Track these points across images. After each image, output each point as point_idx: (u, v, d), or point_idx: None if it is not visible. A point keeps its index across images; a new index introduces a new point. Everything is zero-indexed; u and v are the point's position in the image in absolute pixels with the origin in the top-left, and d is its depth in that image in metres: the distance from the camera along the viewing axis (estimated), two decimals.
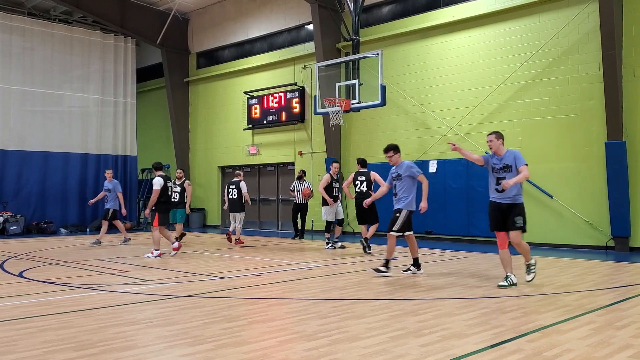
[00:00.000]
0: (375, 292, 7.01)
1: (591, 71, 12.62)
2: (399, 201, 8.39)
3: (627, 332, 4.88)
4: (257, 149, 19.76)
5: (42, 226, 18.24)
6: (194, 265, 9.85)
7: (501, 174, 7.31)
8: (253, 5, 20.03)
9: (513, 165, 7.27)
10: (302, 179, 15.20)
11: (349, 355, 4.17)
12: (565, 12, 13.01)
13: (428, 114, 15.21)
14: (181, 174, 13.35)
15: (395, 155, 8.55)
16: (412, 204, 8.40)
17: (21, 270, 9.04)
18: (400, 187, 8.41)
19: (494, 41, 14.17)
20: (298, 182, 15.23)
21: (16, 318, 5.46)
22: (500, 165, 7.36)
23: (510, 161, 7.31)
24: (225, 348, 4.37)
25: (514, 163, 7.26)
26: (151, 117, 23.95)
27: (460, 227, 14.51)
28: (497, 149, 7.45)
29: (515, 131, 13.75)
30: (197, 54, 22.30)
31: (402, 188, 8.39)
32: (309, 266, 9.70)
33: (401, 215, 8.29)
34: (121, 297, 6.69)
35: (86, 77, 20.17)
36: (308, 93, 18.18)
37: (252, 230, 19.65)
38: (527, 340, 4.61)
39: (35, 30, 19.07)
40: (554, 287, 7.34)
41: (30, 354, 4.21)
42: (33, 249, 12.75)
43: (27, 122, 18.64)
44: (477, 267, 9.42)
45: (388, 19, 16.48)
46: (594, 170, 12.55)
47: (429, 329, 4.96)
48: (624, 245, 12.05)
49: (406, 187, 8.37)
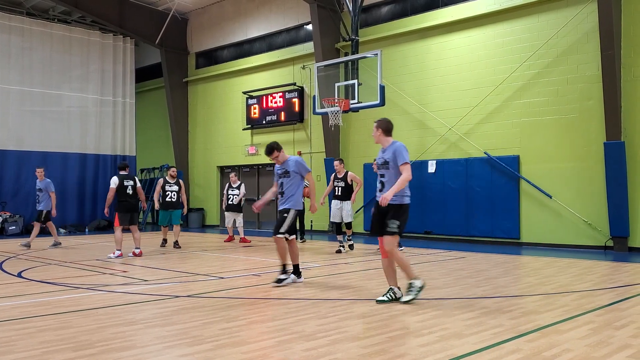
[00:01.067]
0: (374, 292, 7.01)
1: (590, 71, 12.63)
2: (286, 200, 7.57)
3: (626, 332, 4.88)
4: (256, 149, 19.75)
5: (41, 226, 18.18)
6: (193, 265, 9.85)
7: (381, 170, 6.27)
8: (252, 5, 20.02)
9: (392, 161, 6.15)
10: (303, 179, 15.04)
11: (348, 355, 4.17)
12: (564, 12, 13.02)
13: (427, 114, 15.21)
14: (174, 172, 12.99)
15: (280, 154, 7.66)
16: (300, 202, 7.66)
17: (20, 271, 9.03)
18: (288, 184, 7.58)
19: (493, 41, 14.18)
20: None
21: (15, 318, 5.46)
22: (380, 161, 6.29)
23: (389, 156, 6.18)
24: (224, 348, 4.37)
25: (393, 159, 6.14)
26: (150, 117, 23.94)
27: (459, 227, 14.52)
28: (378, 140, 6.39)
29: (514, 131, 13.76)
30: (196, 54, 22.29)
31: (289, 186, 7.58)
32: (308, 266, 9.69)
33: (289, 215, 7.48)
34: (120, 297, 6.69)
35: (85, 77, 20.15)
36: (307, 93, 18.18)
37: (251, 231, 19.63)
38: (526, 340, 4.61)
39: (34, 30, 19.05)
40: (552, 287, 7.35)
41: (29, 354, 4.21)
42: (32, 249, 12.74)
43: (26, 122, 18.61)
44: (476, 267, 9.42)
45: (387, 19, 16.48)
46: (592, 171, 12.56)
47: (428, 329, 4.96)
48: (623, 245, 12.06)
49: (293, 185, 7.59)
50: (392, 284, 6.30)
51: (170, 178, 12.92)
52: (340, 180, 12.04)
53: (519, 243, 13.61)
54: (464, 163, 14.49)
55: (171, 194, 12.72)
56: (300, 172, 7.59)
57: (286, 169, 7.58)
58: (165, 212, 12.83)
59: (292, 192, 7.58)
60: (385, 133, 6.32)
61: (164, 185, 12.77)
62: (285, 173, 7.58)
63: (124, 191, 10.93)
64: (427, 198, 15.09)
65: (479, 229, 14.17)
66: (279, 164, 7.71)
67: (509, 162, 13.70)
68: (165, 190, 12.72)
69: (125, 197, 10.91)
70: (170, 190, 12.73)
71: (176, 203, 12.83)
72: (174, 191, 12.78)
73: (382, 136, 6.31)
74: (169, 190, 12.73)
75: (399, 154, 6.08)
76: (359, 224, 16.77)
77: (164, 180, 12.87)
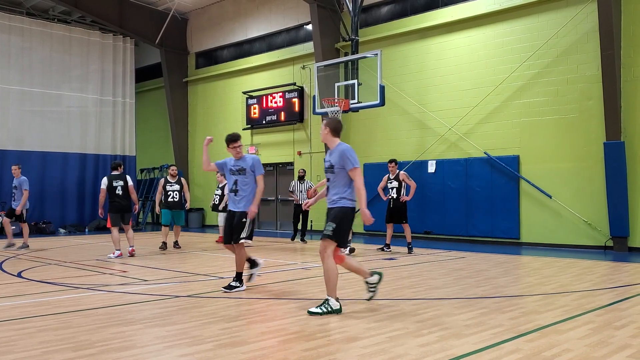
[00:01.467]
0: None
1: (590, 71, 12.63)
2: (241, 200, 7.05)
3: (626, 332, 4.88)
4: (256, 149, 19.74)
5: (41, 226, 18.22)
6: (193, 265, 9.85)
7: (327, 174, 5.90)
8: (252, 5, 20.02)
9: (337, 165, 5.71)
10: (303, 179, 14.69)
11: (348, 355, 4.16)
12: (564, 12, 13.02)
13: (427, 114, 15.21)
14: (175, 171, 12.76)
15: (242, 146, 7.27)
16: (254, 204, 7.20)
17: (20, 271, 9.03)
18: (243, 183, 7.07)
19: (492, 41, 14.18)
20: (299, 182, 14.69)
21: (15, 318, 5.46)
22: (327, 164, 5.88)
23: (335, 160, 5.74)
24: (224, 348, 4.37)
25: (339, 163, 5.70)
26: (150, 117, 23.94)
27: (459, 227, 14.52)
28: (324, 139, 5.96)
29: (514, 131, 13.76)
30: (196, 54, 22.29)
31: (245, 185, 7.07)
32: (307, 266, 9.70)
33: (248, 220, 7.02)
34: (120, 297, 6.69)
35: (85, 77, 20.16)
36: (307, 93, 18.18)
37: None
38: (526, 340, 4.61)
39: (34, 30, 19.05)
40: (552, 287, 7.35)
41: (29, 354, 4.20)
42: (31, 249, 12.74)
43: (26, 122, 18.61)
44: (476, 267, 9.42)
45: (387, 19, 16.48)
46: (592, 171, 12.56)
47: (428, 329, 4.96)
48: (623, 245, 12.06)
49: (249, 184, 7.08)
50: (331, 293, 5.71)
51: (171, 177, 12.71)
52: None
53: (518, 243, 13.61)
54: (463, 163, 14.49)
55: (173, 193, 12.52)
56: (255, 171, 7.10)
57: (242, 167, 7.10)
58: (168, 211, 12.61)
59: (248, 192, 7.08)
60: (333, 133, 5.90)
61: (165, 185, 12.58)
62: (241, 170, 7.09)
63: (114, 191, 10.87)
64: (426, 198, 15.10)
65: (478, 229, 14.18)
66: (237, 158, 7.19)
67: (509, 162, 13.71)
68: (166, 190, 12.55)
69: (115, 198, 10.83)
70: (172, 189, 12.55)
71: (178, 203, 12.63)
72: (175, 190, 12.57)
73: (330, 136, 5.88)
74: (170, 190, 12.55)
75: (346, 159, 5.65)
76: (359, 224, 16.77)
77: (164, 180, 12.69)
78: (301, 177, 14.65)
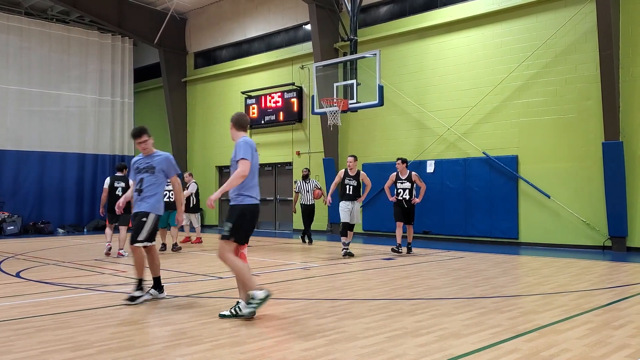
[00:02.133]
0: (373, 292, 7.01)
1: (588, 71, 12.64)
2: (144, 201, 6.39)
3: (624, 331, 4.88)
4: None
5: (40, 226, 18.21)
6: (192, 265, 9.85)
7: (231, 169, 5.78)
8: (251, 5, 20.02)
9: (234, 159, 5.65)
10: (308, 178, 14.11)
11: (347, 355, 4.17)
12: (563, 13, 13.03)
13: (426, 114, 15.22)
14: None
15: (150, 141, 6.60)
16: (161, 206, 6.53)
17: (18, 271, 9.02)
18: (150, 182, 6.42)
19: (491, 41, 14.19)
20: (303, 181, 14.08)
21: (13, 318, 5.45)
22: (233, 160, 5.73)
23: (233, 154, 5.67)
24: (222, 348, 4.37)
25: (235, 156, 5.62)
26: (149, 117, 23.91)
27: (458, 227, 14.52)
28: (231, 135, 5.89)
29: (513, 131, 13.77)
30: (195, 53, 22.28)
31: (150, 184, 6.42)
32: (306, 266, 9.70)
33: (148, 220, 6.34)
34: (119, 297, 6.67)
35: (83, 77, 20.15)
36: (306, 93, 18.18)
37: None
38: (525, 340, 4.61)
39: (33, 30, 19.05)
40: (551, 287, 7.35)
41: (27, 354, 4.20)
42: (30, 249, 12.72)
43: (25, 122, 18.61)
44: (475, 267, 9.43)
45: (386, 19, 16.49)
46: (591, 171, 12.58)
47: (427, 329, 4.96)
48: (621, 245, 12.07)
49: (156, 185, 6.45)
50: (241, 295, 5.60)
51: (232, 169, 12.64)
52: (352, 178, 11.11)
53: (517, 243, 13.61)
54: (462, 163, 14.50)
55: (169, 193, 12.16)
56: (167, 171, 6.50)
57: (151, 164, 6.46)
58: (165, 213, 12.42)
59: (153, 193, 6.41)
60: (237, 127, 5.81)
61: None
62: (150, 169, 6.44)
63: (114, 192, 11.13)
64: (425, 198, 15.00)
65: (477, 229, 14.18)
66: (145, 154, 6.57)
67: (508, 162, 13.71)
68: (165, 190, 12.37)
69: (114, 198, 10.91)
70: (168, 189, 12.16)
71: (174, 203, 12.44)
72: (171, 190, 12.14)
73: (234, 130, 5.82)
74: (166, 190, 12.19)
75: (238, 150, 5.54)
76: (358, 224, 16.74)
77: None
78: (305, 177, 14.13)
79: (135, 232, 6.29)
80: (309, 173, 14.26)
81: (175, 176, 6.49)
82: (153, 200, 6.39)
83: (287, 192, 19.10)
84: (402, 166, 11.40)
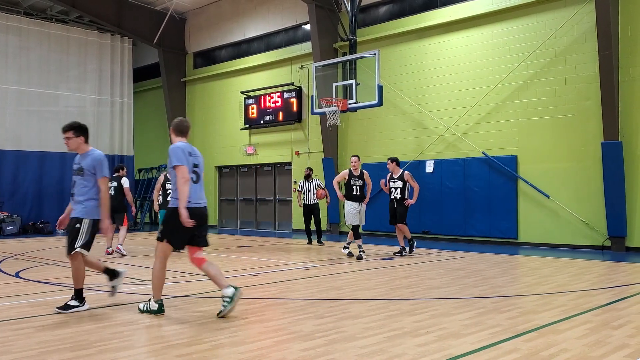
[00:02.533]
0: (372, 292, 7.01)
1: (587, 71, 12.65)
2: (78, 206, 5.90)
3: (624, 331, 4.89)
4: (254, 149, 19.75)
5: (39, 226, 18.19)
6: (190, 265, 9.80)
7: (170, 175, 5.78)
8: (250, 5, 20.01)
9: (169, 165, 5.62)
10: (310, 178, 13.84)
11: (346, 355, 4.17)
12: (562, 13, 13.04)
13: (425, 114, 15.22)
14: None
15: (78, 140, 6.08)
16: (95, 210, 5.94)
17: (17, 271, 9.01)
18: (81, 185, 5.93)
19: (490, 41, 14.19)
20: (305, 181, 13.79)
21: (12, 318, 5.45)
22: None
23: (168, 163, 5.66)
24: (221, 348, 4.37)
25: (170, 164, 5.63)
26: (148, 117, 23.93)
27: (457, 227, 14.53)
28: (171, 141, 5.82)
29: (512, 131, 13.77)
30: (194, 53, 22.28)
31: (82, 187, 5.92)
32: (306, 266, 9.69)
33: (83, 226, 5.82)
34: (118, 297, 6.67)
35: (83, 77, 20.13)
36: (305, 93, 18.18)
37: (249, 231, 19.65)
38: (524, 340, 4.61)
39: (32, 29, 19.03)
40: (550, 287, 7.36)
41: (26, 354, 4.20)
42: (29, 249, 12.71)
43: (24, 122, 18.59)
44: (474, 267, 9.43)
45: (385, 19, 16.49)
46: (590, 170, 12.58)
47: (426, 329, 4.96)
48: (620, 245, 12.08)
49: (86, 187, 5.92)
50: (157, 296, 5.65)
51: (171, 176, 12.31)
52: (358, 178, 10.93)
53: (516, 243, 13.62)
54: (461, 163, 14.50)
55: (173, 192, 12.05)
56: (95, 172, 5.93)
57: (81, 166, 5.98)
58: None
59: (85, 196, 5.90)
60: (175, 132, 5.82)
61: (164, 183, 11.92)
62: (80, 170, 5.98)
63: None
64: (424, 198, 15.09)
65: (476, 228, 14.19)
66: (78, 152, 6.14)
67: (507, 162, 13.72)
68: (166, 189, 11.88)
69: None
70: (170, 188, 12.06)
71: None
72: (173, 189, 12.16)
73: (173, 135, 5.82)
74: (169, 189, 11.88)
75: (170, 157, 5.56)
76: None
77: (164, 178, 12.00)
78: (307, 177, 13.86)
79: (71, 240, 5.78)
80: (310, 173, 14.01)
81: (103, 178, 5.92)
82: (86, 205, 5.87)
83: (287, 192, 19.09)
84: (392, 165, 11.21)
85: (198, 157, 5.82)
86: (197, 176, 5.78)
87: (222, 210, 21.39)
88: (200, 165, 5.85)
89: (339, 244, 13.97)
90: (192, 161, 5.71)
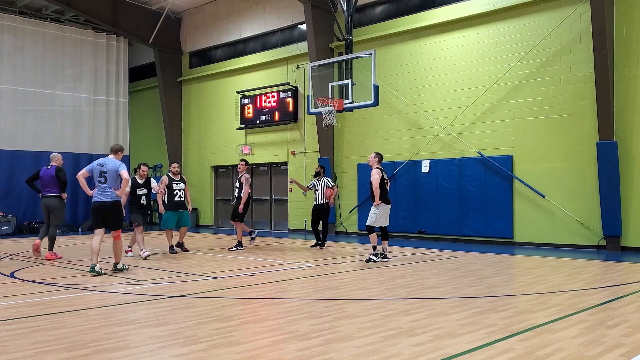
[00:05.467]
0: (368, 292, 7.02)
1: (583, 71, 12.69)
2: None
3: (618, 331, 4.91)
4: (250, 148, 19.73)
5: (34, 226, 18.14)
6: (187, 265, 9.83)
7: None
8: (246, 5, 20.00)
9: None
10: (321, 176, 12.70)
11: (342, 355, 4.17)
12: (557, 13, 13.08)
13: (421, 114, 15.24)
14: (177, 168, 11.81)
15: None
16: None
17: (13, 271, 8.99)
18: None
19: (486, 41, 14.22)
20: (316, 180, 12.78)
21: (8, 319, 5.43)
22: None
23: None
24: (218, 348, 4.37)
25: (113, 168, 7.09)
26: (143, 116, 23.88)
27: (453, 227, 14.55)
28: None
29: (507, 131, 13.80)
30: (190, 53, 22.24)
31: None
32: (302, 266, 9.70)
33: None
34: (114, 297, 6.67)
35: (78, 77, 20.06)
36: (301, 93, 18.18)
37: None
38: (519, 339, 4.63)
39: (27, 29, 18.95)
40: (545, 286, 7.38)
41: (21, 355, 4.19)
42: (25, 249, 12.67)
43: (19, 122, 18.52)
44: (470, 266, 9.45)
45: (381, 19, 16.50)
46: (585, 170, 12.63)
47: (422, 329, 4.97)
48: (616, 244, 12.12)
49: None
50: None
51: (174, 175, 11.68)
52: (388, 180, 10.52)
53: (512, 242, 13.65)
54: (457, 163, 14.53)
55: (179, 192, 11.53)
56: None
57: None
58: (174, 213, 11.55)
59: None
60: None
61: (170, 184, 11.54)
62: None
63: None
64: (420, 198, 15.14)
65: (472, 228, 14.22)
66: None
67: (503, 162, 13.75)
68: (172, 189, 11.52)
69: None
70: (178, 188, 11.55)
71: (183, 202, 11.66)
72: (181, 189, 11.58)
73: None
74: (176, 189, 11.54)
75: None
76: (353, 224, 16.80)
77: (168, 179, 11.60)
78: (317, 174, 12.81)
79: None
80: (321, 170, 12.78)
81: None
82: None
83: (283, 192, 19.09)
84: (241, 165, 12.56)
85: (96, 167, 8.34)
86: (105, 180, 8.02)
87: (217, 210, 21.38)
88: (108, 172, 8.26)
89: (339, 243, 13.99)
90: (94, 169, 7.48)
